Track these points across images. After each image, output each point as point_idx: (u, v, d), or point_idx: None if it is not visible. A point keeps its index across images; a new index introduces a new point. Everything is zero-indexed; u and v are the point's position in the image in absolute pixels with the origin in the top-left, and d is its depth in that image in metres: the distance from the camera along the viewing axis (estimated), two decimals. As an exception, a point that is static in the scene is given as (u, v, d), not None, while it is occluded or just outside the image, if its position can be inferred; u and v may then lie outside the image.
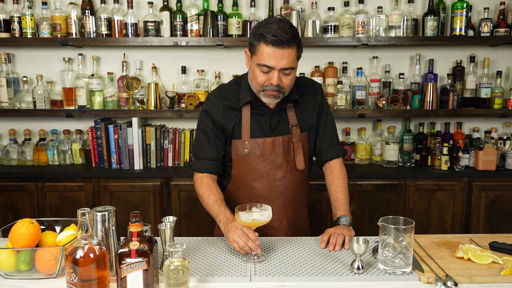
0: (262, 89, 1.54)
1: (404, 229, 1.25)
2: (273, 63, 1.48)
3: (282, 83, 1.52)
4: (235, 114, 1.64)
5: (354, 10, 2.84)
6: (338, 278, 1.27)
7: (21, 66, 3.00)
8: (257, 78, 1.53)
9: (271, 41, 1.45)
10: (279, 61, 1.47)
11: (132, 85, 2.79)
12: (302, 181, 1.72)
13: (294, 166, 1.66)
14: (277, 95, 1.54)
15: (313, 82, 1.79)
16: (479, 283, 1.24)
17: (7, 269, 1.26)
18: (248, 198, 1.64)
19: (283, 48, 1.46)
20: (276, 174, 1.64)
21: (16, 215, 2.65)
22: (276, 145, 1.63)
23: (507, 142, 2.82)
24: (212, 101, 1.66)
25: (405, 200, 2.68)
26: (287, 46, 1.46)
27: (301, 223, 1.75)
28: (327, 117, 1.76)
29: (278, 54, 1.46)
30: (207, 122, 1.65)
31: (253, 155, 1.62)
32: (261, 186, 1.64)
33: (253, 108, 1.64)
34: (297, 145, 1.65)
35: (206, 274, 1.28)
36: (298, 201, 1.71)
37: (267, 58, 1.47)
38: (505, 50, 2.97)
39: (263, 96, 1.56)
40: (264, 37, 1.46)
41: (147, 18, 2.78)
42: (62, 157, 2.92)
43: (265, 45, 1.47)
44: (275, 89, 1.52)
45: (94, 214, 1.23)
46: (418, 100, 2.86)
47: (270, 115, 1.65)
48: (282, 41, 1.45)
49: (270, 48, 1.46)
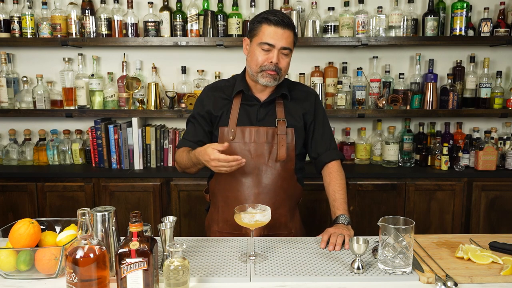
0: (260, 70, 1.63)
1: (404, 229, 1.25)
2: (274, 41, 1.60)
3: (280, 64, 1.63)
4: (226, 103, 1.74)
5: (354, 10, 2.84)
6: (338, 278, 1.27)
7: (21, 66, 3.00)
8: (258, 58, 1.63)
9: (274, 21, 1.59)
10: (279, 40, 1.60)
11: (132, 85, 2.79)
12: (286, 176, 1.71)
13: (276, 158, 1.69)
14: (274, 75, 1.63)
15: (308, 89, 1.86)
16: (479, 283, 1.24)
17: (7, 269, 1.26)
18: (230, 185, 1.70)
19: (283, 29, 1.60)
20: (256, 163, 1.68)
21: (16, 215, 2.65)
22: (260, 134, 1.69)
23: (507, 142, 2.83)
24: (206, 90, 1.80)
25: (405, 200, 2.68)
26: (287, 28, 1.61)
27: (281, 219, 1.72)
28: (324, 122, 1.81)
29: (279, 33, 1.59)
30: (197, 109, 1.78)
31: (237, 142, 1.68)
32: (242, 174, 1.67)
33: (243, 100, 1.73)
34: (281, 137, 1.69)
35: (206, 274, 1.28)
36: (277, 194, 1.70)
37: (269, 36, 1.60)
38: (505, 50, 2.97)
39: (261, 77, 1.64)
40: (266, 19, 1.61)
41: (147, 18, 2.78)
42: (62, 157, 2.92)
43: (267, 25, 1.60)
44: (273, 68, 1.62)
45: (94, 214, 1.23)
46: (418, 100, 2.86)
47: (258, 107, 1.73)
48: (284, 22, 1.60)
49: (272, 27, 1.59)
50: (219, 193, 1.75)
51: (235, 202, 1.65)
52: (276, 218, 1.70)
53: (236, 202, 1.66)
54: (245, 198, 1.68)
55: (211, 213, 1.81)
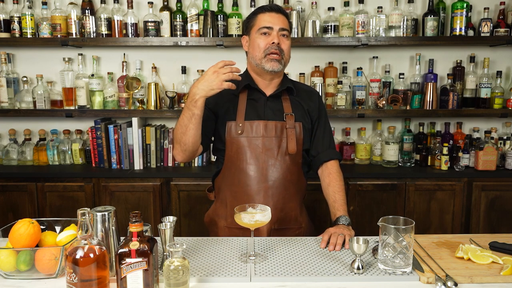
0: (264, 55, 1.66)
1: (404, 229, 1.25)
2: (272, 24, 1.67)
3: (282, 45, 1.67)
4: (232, 98, 1.74)
5: (354, 10, 2.84)
6: (338, 278, 1.27)
7: (21, 66, 3.00)
8: (259, 44, 1.67)
9: (268, 8, 1.70)
10: (277, 23, 1.67)
11: (132, 85, 2.79)
12: (294, 170, 1.72)
13: (285, 152, 1.69)
14: (278, 58, 1.66)
15: (310, 88, 1.89)
16: (479, 283, 1.24)
17: (7, 269, 1.26)
18: (238, 180, 1.69)
19: (278, 13, 1.69)
20: (265, 156, 1.68)
21: (16, 215, 2.65)
22: (268, 129, 1.68)
23: (507, 142, 2.82)
24: None
25: (405, 200, 2.68)
26: (281, 13, 1.70)
27: (291, 213, 1.73)
28: (326, 122, 1.83)
29: (275, 16, 1.68)
30: None
31: (245, 136, 1.68)
32: (252, 168, 1.67)
33: (249, 94, 1.74)
34: (291, 131, 1.69)
35: (206, 274, 1.28)
36: (287, 188, 1.71)
37: (266, 21, 1.67)
38: (505, 50, 2.97)
39: (266, 62, 1.67)
40: (260, 9, 1.71)
41: (147, 18, 2.78)
42: (62, 157, 2.92)
43: (262, 14, 1.69)
44: (276, 48, 1.65)
45: (94, 214, 1.23)
46: (418, 100, 2.86)
47: (265, 101, 1.73)
48: (277, 8, 1.71)
49: (267, 13, 1.69)
50: (227, 188, 1.73)
51: (245, 197, 1.65)
52: (286, 212, 1.71)
53: (245, 196, 1.66)
54: (255, 193, 1.67)
55: (216, 209, 1.80)
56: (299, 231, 1.75)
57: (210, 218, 1.83)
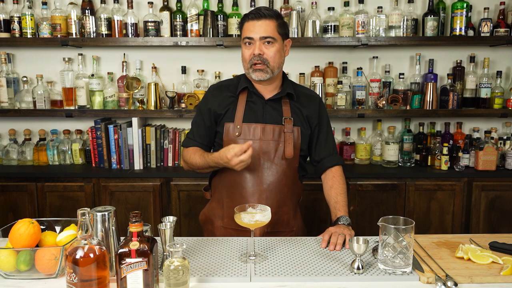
0: (249, 65, 1.66)
1: (404, 229, 1.25)
2: (252, 34, 1.64)
3: (265, 54, 1.64)
4: (232, 100, 1.74)
5: (354, 10, 2.84)
6: (338, 278, 1.27)
7: (21, 66, 3.00)
8: (244, 55, 1.68)
9: (250, 16, 1.66)
10: (257, 32, 1.63)
11: (132, 85, 2.79)
12: (290, 174, 1.72)
13: (282, 155, 1.69)
14: (263, 68, 1.65)
15: (312, 93, 1.87)
16: (479, 283, 1.24)
17: (7, 269, 1.26)
18: (234, 182, 1.70)
19: (260, 19, 1.63)
20: (262, 160, 1.68)
21: (16, 215, 2.65)
22: (266, 132, 1.69)
23: (507, 142, 2.82)
24: (211, 89, 1.82)
25: (405, 200, 2.68)
26: (264, 18, 1.64)
27: (283, 217, 1.73)
28: (328, 127, 1.83)
29: (256, 24, 1.64)
30: (202, 107, 1.79)
31: (242, 138, 1.68)
32: (248, 171, 1.67)
33: (249, 97, 1.74)
34: (289, 136, 1.69)
35: (206, 274, 1.28)
36: (282, 192, 1.71)
37: (247, 31, 1.65)
38: (505, 50, 2.97)
39: (252, 73, 1.67)
40: (245, 17, 1.68)
41: (147, 18, 2.78)
42: (62, 157, 2.92)
43: (246, 22, 1.67)
44: (258, 59, 1.63)
45: (94, 214, 1.23)
46: (418, 100, 2.86)
47: (263, 104, 1.73)
48: (259, 14, 1.64)
49: (249, 22, 1.65)
50: (223, 189, 1.74)
51: (240, 199, 1.66)
52: (279, 216, 1.71)
53: (241, 198, 1.66)
54: (250, 195, 1.67)
55: (212, 208, 1.80)
56: (291, 234, 1.74)
57: (205, 217, 1.84)
